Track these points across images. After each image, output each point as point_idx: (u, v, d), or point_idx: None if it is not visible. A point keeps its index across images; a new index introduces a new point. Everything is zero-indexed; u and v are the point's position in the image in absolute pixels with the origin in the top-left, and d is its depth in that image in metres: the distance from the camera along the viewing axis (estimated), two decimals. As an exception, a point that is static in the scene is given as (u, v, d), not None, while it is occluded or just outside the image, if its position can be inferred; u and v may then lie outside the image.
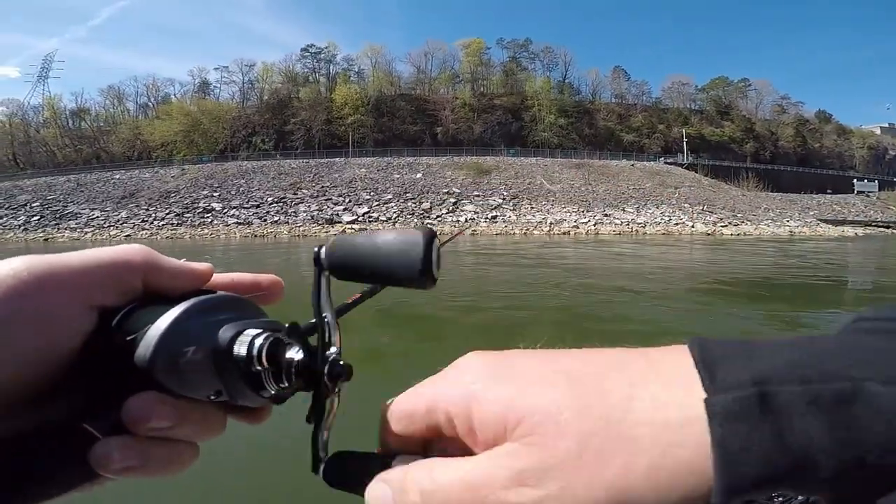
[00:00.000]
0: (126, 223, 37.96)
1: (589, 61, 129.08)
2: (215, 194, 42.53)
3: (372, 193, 42.18)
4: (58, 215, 40.73)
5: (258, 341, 0.27)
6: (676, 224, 37.14)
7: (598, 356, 0.23)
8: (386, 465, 0.25)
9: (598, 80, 75.92)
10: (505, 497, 0.20)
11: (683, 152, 62.18)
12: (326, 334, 0.29)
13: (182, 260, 0.33)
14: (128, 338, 0.27)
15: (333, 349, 0.29)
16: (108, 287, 0.29)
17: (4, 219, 41.01)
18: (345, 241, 0.29)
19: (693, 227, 36.60)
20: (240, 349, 0.27)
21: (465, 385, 0.24)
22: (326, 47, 75.22)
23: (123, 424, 0.26)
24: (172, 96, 73.54)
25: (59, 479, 0.27)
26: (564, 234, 34.08)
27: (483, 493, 0.21)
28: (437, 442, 0.25)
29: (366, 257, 0.28)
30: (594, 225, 36.48)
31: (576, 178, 47.83)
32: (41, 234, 36.49)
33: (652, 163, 57.26)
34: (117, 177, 49.77)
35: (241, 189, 43.58)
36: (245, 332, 0.28)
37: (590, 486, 0.20)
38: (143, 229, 36.46)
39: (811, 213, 45.30)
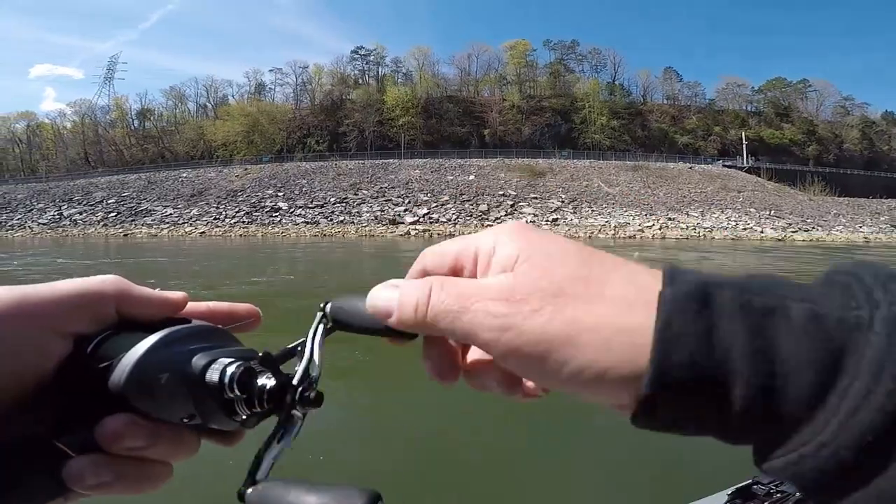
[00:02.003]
0: (199, 220, 39.69)
1: (637, 63, 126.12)
2: (280, 194, 43.95)
3: (429, 195, 42.72)
4: (133, 212, 42.94)
5: (230, 369, 0.29)
6: (745, 229, 36.16)
7: (602, 251, 0.28)
8: None
9: (649, 81, 74.51)
10: (491, 305, 0.26)
11: (743, 155, 60.30)
12: (308, 363, 0.30)
13: (157, 289, 0.34)
14: (101, 364, 0.29)
15: (314, 374, 0.30)
16: (80, 316, 0.30)
17: (84, 215, 43.55)
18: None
19: (762, 232, 35.59)
20: (212, 377, 0.29)
21: (497, 235, 0.29)
22: (375, 49, 76.52)
23: (97, 443, 0.28)
24: (230, 97, 76.29)
25: (30, 493, 0.28)
26: (630, 237, 33.72)
27: (479, 296, 0.26)
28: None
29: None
30: (660, 229, 35.89)
31: (633, 180, 47.16)
32: (120, 230, 38.59)
33: (710, 166, 55.83)
34: (184, 175, 52.07)
35: (304, 189, 44.87)
36: (217, 361, 0.29)
37: (555, 314, 0.24)
38: (217, 227, 38.05)
39: (882, 217, 43.17)
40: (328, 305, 0.33)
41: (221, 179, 49.23)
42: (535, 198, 42.08)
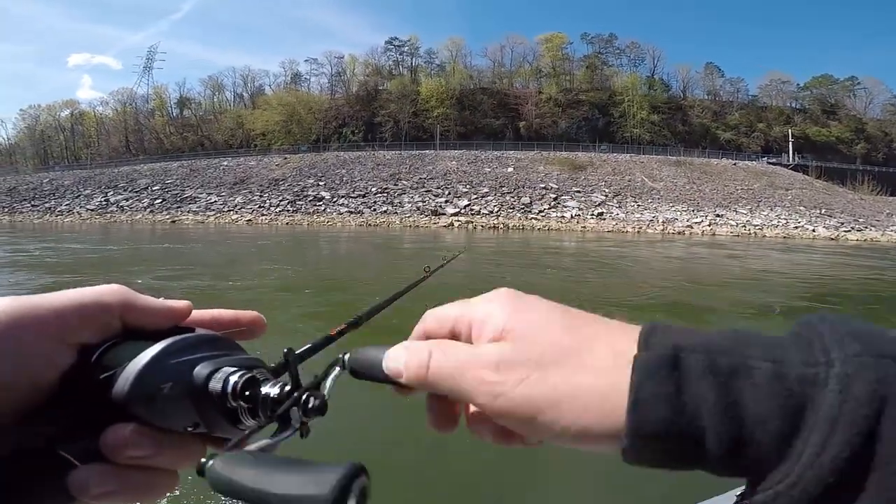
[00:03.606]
0: (244, 208, 40.19)
1: (676, 57, 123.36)
2: (321, 183, 44.25)
3: (468, 186, 42.52)
4: (178, 199, 43.70)
5: (233, 379, 0.29)
6: (796, 227, 35.26)
7: (586, 314, 0.31)
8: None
9: (689, 76, 72.80)
10: (484, 373, 0.29)
11: (789, 153, 58.57)
12: (297, 374, 0.31)
13: (160, 298, 0.34)
14: (104, 374, 0.29)
15: (324, 391, 0.31)
16: (84, 326, 0.30)
17: (131, 201, 44.51)
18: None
19: (815, 231, 34.64)
20: (215, 386, 0.29)
21: (489, 305, 0.32)
22: (409, 40, 76.33)
23: (102, 453, 0.28)
24: (266, 87, 77.17)
25: (35, 502, 0.28)
26: (679, 233, 33.13)
27: (473, 364, 0.29)
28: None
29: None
30: (709, 225, 35.18)
31: (677, 176, 46.23)
32: (167, 217, 39.33)
33: (754, 163, 54.41)
34: (225, 163, 52.83)
35: (345, 179, 45.09)
36: (221, 370, 0.30)
37: (538, 382, 0.27)
38: (262, 214, 38.50)
39: (938, 219, 41.45)
40: (347, 356, 0.34)
41: (262, 168, 49.79)
42: (578, 191, 41.55)
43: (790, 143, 59.76)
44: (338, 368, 0.34)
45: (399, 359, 0.32)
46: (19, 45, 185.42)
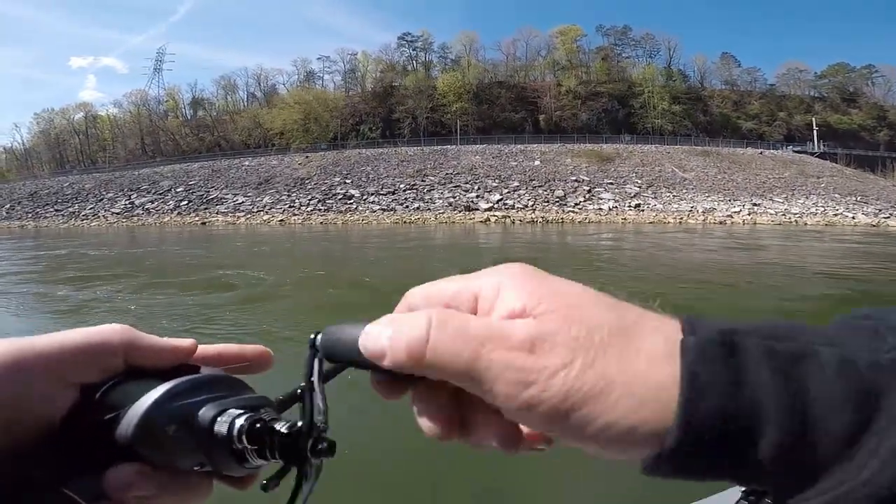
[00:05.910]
0: (274, 208, 39.80)
1: (691, 48, 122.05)
2: (348, 181, 43.82)
3: (497, 181, 42.13)
4: (203, 200, 43.24)
5: (239, 421, 0.28)
6: (835, 215, 34.96)
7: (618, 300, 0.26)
8: None
9: (706, 66, 72.26)
10: (513, 355, 0.23)
11: (814, 141, 58.26)
12: (312, 411, 0.29)
13: (164, 337, 0.34)
14: (108, 416, 0.29)
15: (319, 419, 0.29)
16: (85, 367, 0.30)
17: (156, 203, 44.07)
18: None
19: (854, 218, 34.31)
20: (221, 429, 0.28)
21: (500, 276, 0.27)
22: (422, 35, 75.73)
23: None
24: (280, 85, 76.67)
25: None
26: (720, 223, 32.82)
27: (497, 341, 0.24)
28: None
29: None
30: (748, 214, 34.83)
31: (707, 165, 45.90)
32: (196, 219, 38.94)
33: (780, 151, 54.06)
34: (246, 163, 52.34)
35: (371, 176, 44.66)
36: (226, 412, 0.29)
37: (585, 367, 0.22)
38: (294, 214, 38.14)
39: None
40: (319, 336, 0.31)
41: (285, 167, 49.32)
42: (611, 183, 41.17)
43: (815, 132, 59.37)
44: (317, 363, 0.31)
45: (381, 335, 0.27)
46: (19, 49, 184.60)
